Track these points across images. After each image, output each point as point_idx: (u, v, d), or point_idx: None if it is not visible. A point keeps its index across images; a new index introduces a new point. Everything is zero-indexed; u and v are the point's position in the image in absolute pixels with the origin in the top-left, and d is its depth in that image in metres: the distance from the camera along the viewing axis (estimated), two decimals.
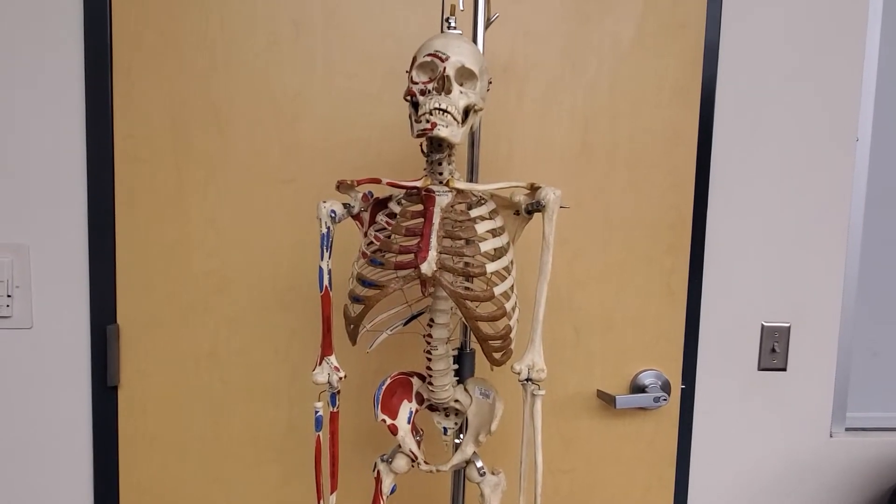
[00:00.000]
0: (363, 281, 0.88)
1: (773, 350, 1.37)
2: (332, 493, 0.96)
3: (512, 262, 0.91)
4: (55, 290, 1.22)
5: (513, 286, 0.91)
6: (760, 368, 1.37)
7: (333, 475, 0.96)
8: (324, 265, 0.90)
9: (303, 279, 1.24)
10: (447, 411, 1.05)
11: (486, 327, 0.87)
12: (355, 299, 0.88)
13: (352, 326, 0.91)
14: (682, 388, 1.33)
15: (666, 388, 1.31)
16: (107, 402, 1.24)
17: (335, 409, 0.95)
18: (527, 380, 0.91)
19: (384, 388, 1.01)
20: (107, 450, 1.25)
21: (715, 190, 1.32)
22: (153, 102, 1.20)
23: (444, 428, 1.06)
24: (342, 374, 0.93)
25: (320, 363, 0.93)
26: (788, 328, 1.36)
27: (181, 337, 1.24)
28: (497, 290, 0.86)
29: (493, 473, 1.02)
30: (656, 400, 1.25)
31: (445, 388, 0.98)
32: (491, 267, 0.86)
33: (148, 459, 1.27)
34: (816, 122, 1.33)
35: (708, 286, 1.34)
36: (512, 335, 0.91)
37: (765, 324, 1.36)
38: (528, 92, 1.24)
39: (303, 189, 1.23)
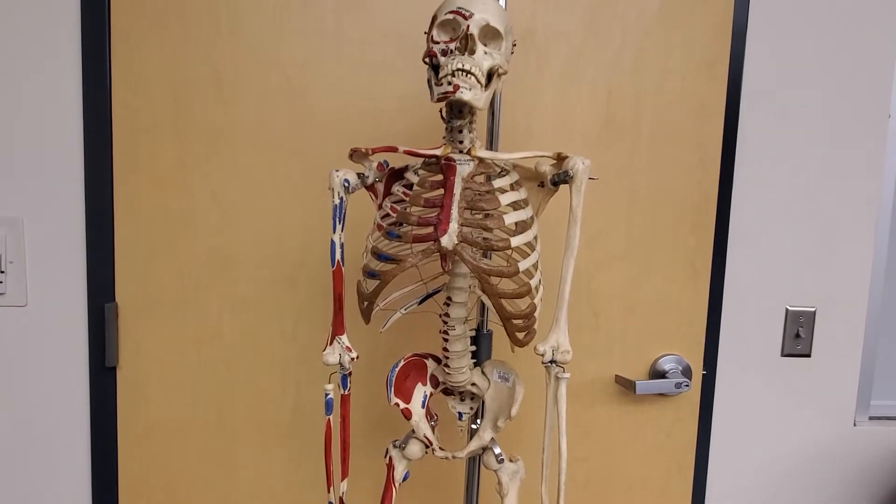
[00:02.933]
0: (378, 255, 0.83)
1: (798, 335, 1.31)
2: (342, 479, 0.91)
3: (536, 238, 0.86)
4: (51, 266, 1.17)
5: (537, 262, 0.85)
6: (784, 354, 1.32)
7: (344, 461, 0.91)
8: (336, 238, 0.85)
9: (311, 256, 1.18)
10: (463, 395, 1.00)
11: (509, 305, 0.82)
12: (370, 274, 0.83)
13: (365, 304, 0.86)
14: (703, 374, 1.28)
15: (687, 373, 1.26)
16: (105, 383, 1.19)
17: (346, 392, 0.90)
18: (551, 362, 0.86)
19: (398, 370, 0.96)
20: (105, 433, 1.20)
21: (741, 167, 1.26)
22: (154, 70, 1.14)
23: (460, 413, 1.01)
24: (354, 354, 0.88)
25: (331, 343, 0.88)
26: (814, 313, 1.31)
27: (183, 316, 1.19)
28: (521, 266, 0.81)
29: (511, 461, 0.97)
30: (678, 386, 1.20)
31: (462, 370, 0.93)
32: (515, 241, 0.81)
33: (148, 444, 1.22)
34: (848, 98, 1.27)
35: (732, 268, 1.28)
36: (536, 314, 0.85)
37: (790, 308, 1.31)
38: (549, 63, 1.18)
39: (311, 162, 1.17)
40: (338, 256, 0.85)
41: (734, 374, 1.31)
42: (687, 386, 1.20)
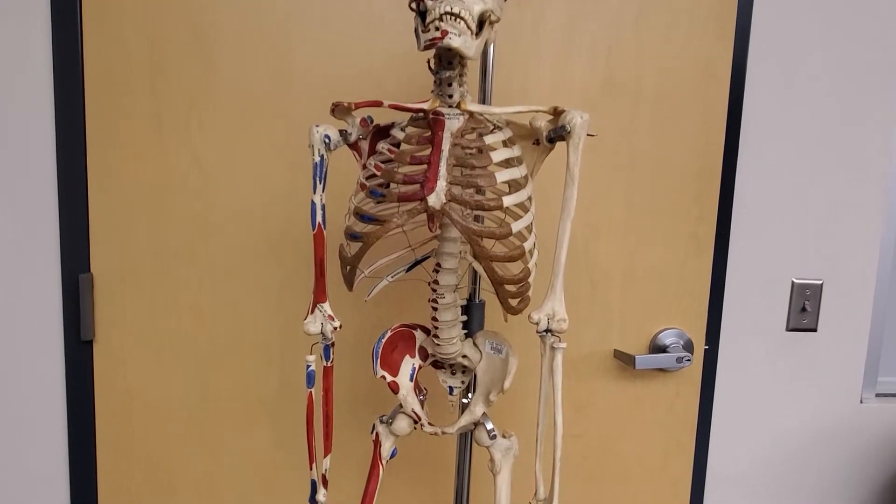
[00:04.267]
0: (362, 216, 0.77)
1: (804, 309, 1.26)
2: (325, 456, 0.86)
3: (530, 199, 0.80)
4: (21, 235, 1.11)
5: (531, 225, 0.80)
6: (789, 329, 1.27)
7: (327, 436, 0.86)
8: (316, 199, 0.79)
9: (296, 224, 1.13)
10: (454, 368, 0.95)
11: (500, 269, 0.76)
12: (352, 236, 0.77)
13: (348, 268, 0.81)
14: (705, 349, 1.23)
15: (688, 348, 1.21)
16: (81, 357, 1.14)
17: (329, 364, 0.84)
18: (546, 331, 0.80)
19: (384, 341, 0.91)
20: (82, 410, 1.15)
21: (747, 133, 1.20)
22: (128, 25, 1.08)
23: (450, 387, 0.96)
24: (337, 323, 0.83)
25: (312, 311, 0.83)
26: (821, 285, 1.26)
27: (162, 287, 1.14)
28: (514, 227, 0.75)
29: (504, 437, 0.92)
30: (679, 361, 1.15)
31: (453, 341, 0.88)
32: (507, 201, 0.75)
33: (127, 421, 1.17)
34: (859, 64, 1.20)
35: (736, 238, 1.23)
36: (530, 280, 0.80)
37: (795, 280, 1.25)
38: (545, 18, 1.11)
39: (296, 123, 1.11)
40: (318, 219, 0.80)
41: (737, 349, 1.26)
42: (688, 361, 1.15)
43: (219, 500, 1.20)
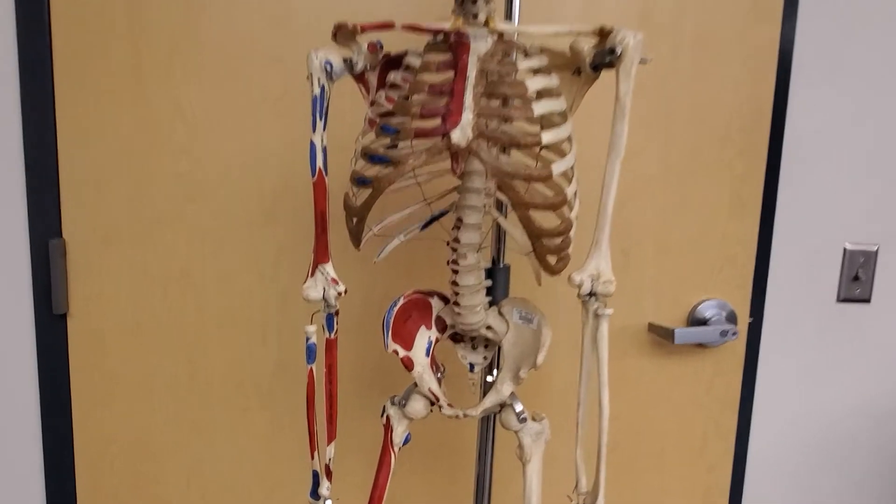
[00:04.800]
0: (371, 156, 0.64)
1: (857, 278, 1.14)
2: (328, 443, 0.74)
3: (571, 139, 0.67)
4: None
5: (572, 169, 0.67)
6: (840, 300, 1.14)
7: (331, 420, 0.74)
8: (317, 139, 0.67)
9: (295, 182, 1.00)
10: (475, 342, 0.83)
11: (540, 219, 0.64)
12: (360, 181, 0.65)
13: (355, 220, 0.68)
14: (749, 322, 1.11)
15: (731, 320, 1.09)
16: (54, 333, 1.02)
17: (332, 336, 0.72)
18: (590, 295, 0.68)
19: (396, 310, 0.78)
20: (57, 392, 1.03)
21: (799, 81, 1.07)
22: None
23: (471, 364, 0.84)
24: (342, 288, 0.71)
25: (312, 274, 0.71)
26: (875, 252, 1.14)
27: (145, 255, 1.01)
28: (555, 169, 0.63)
29: (534, 419, 0.81)
30: (723, 335, 1.03)
31: (476, 309, 0.76)
32: (546, 137, 0.63)
33: (107, 404, 1.05)
34: None
35: (784, 199, 1.10)
36: (571, 233, 0.68)
37: (848, 247, 1.13)
38: None
39: (293, 70, 0.98)
40: (319, 163, 0.67)
41: (783, 322, 1.14)
42: (734, 335, 1.03)
43: (210, 492, 1.09)
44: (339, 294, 0.71)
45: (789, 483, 1.20)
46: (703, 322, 1.08)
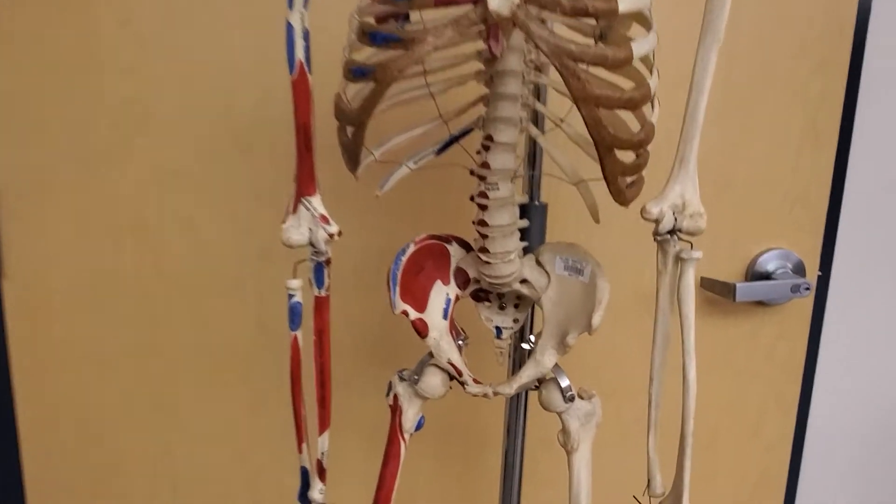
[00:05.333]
0: (373, 35, 0.46)
1: None
2: (320, 432, 0.57)
3: (651, 11, 0.48)
4: None
5: (654, 53, 0.49)
6: None
7: (323, 403, 0.57)
8: (295, 20, 0.48)
9: (274, 108, 0.81)
10: (503, 300, 0.65)
11: (612, 124, 0.45)
12: (357, 73, 0.46)
13: (350, 132, 0.50)
14: (818, 276, 0.94)
15: (799, 272, 0.91)
16: None
17: (323, 293, 0.54)
18: (670, 232, 0.50)
19: (405, 260, 0.60)
20: None
21: None
22: None
23: (498, 328, 0.67)
24: (334, 229, 0.53)
25: (294, 210, 0.52)
26: None
27: (91, 200, 0.83)
28: (636, 50, 0.44)
29: (581, 397, 0.63)
30: (794, 290, 0.86)
31: (509, 257, 0.58)
32: (625, 4, 0.44)
33: (55, 380, 0.87)
34: None
35: (862, 127, 0.92)
36: (649, 147, 0.49)
37: None
38: None
39: None
40: (299, 54, 0.48)
41: (854, 276, 0.97)
42: (807, 290, 0.86)
43: (182, 481, 0.92)
44: (331, 237, 0.53)
45: (849, 466, 1.04)
46: (766, 276, 0.91)
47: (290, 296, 0.54)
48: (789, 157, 0.88)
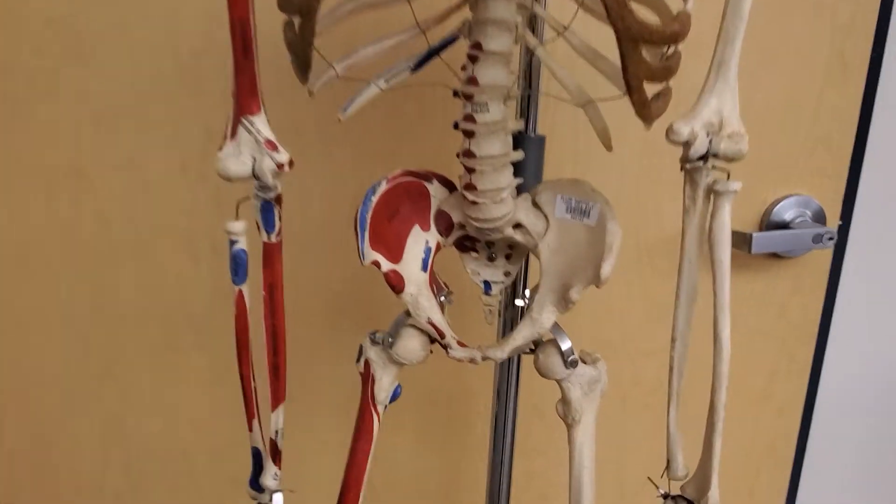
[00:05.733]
0: None
1: None
2: (273, 407, 0.47)
3: None
4: None
5: None
6: None
7: (276, 373, 0.47)
8: None
9: (226, 33, 0.70)
10: (493, 249, 0.56)
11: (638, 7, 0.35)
12: None
13: (298, 24, 0.39)
14: (839, 225, 0.85)
15: (819, 221, 0.83)
16: None
17: (273, 239, 0.44)
18: (704, 157, 0.41)
19: (376, 200, 0.50)
20: None
21: None
22: None
23: (486, 282, 0.57)
24: (283, 157, 0.42)
25: (233, 134, 0.42)
26: None
27: (15, 142, 0.71)
28: None
29: (584, 362, 0.54)
30: (817, 240, 0.77)
31: (500, 196, 0.48)
32: None
33: None
34: None
35: (892, 58, 0.82)
36: (679, 47, 0.39)
37: None
38: None
39: None
40: None
41: (878, 227, 0.88)
42: (831, 239, 0.77)
43: (135, 458, 0.82)
44: (280, 167, 0.42)
45: (859, 433, 0.97)
46: (783, 226, 0.82)
47: (232, 242, 0.44)
48: (812, 91, 0.79)
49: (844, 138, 0.81)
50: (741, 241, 0.77)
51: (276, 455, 0.48)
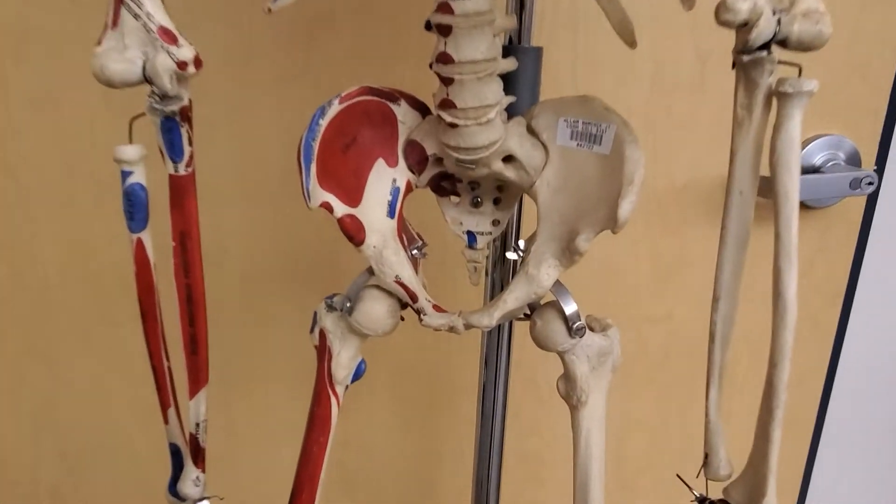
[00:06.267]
0: None
1: None
2: (192, 393, 0.36)
3: None
4: None
5: None
6: None
7: (195, 349, 0.36)
8: None
9: None
10: (479, 192, 0.45)
11: None
12: None
13: None
14: (873, 170, 0.75)
15: (853, 164, 0.72)
16: None
17: (182, 170, 0.33)
18: (765, 46, 0.29)
19: (325, 125, 0.39)
20: None
21: None
22: None
23: (471, 234, 0.46)
24: (187, 52, 0.31)
25: (114, 21, 0.30)
26: None
27: None
28: None
29: (593, 329, 0.43)
30: (855, 185, 0.67)
31: (486, 115, 0.37)
32: None
33: None
34: None
35: None
36: None
37: None
38: None
39: None
40: None
41: None
42: (870, 184, 0.67)
43: (70, 443, 0.72)
44: (183, 66, 0.31)
45: (883, 406, 0.88)
46: (813, 171, 0.71)
47: (125, 174, 0.32)
48: (849, 12, 0.67)
49: (884, 68, 0.70)
50: (766, 186, 0.66)
51: (198, 454, 0.37)
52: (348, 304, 0.42)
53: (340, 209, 0.39)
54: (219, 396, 0.71)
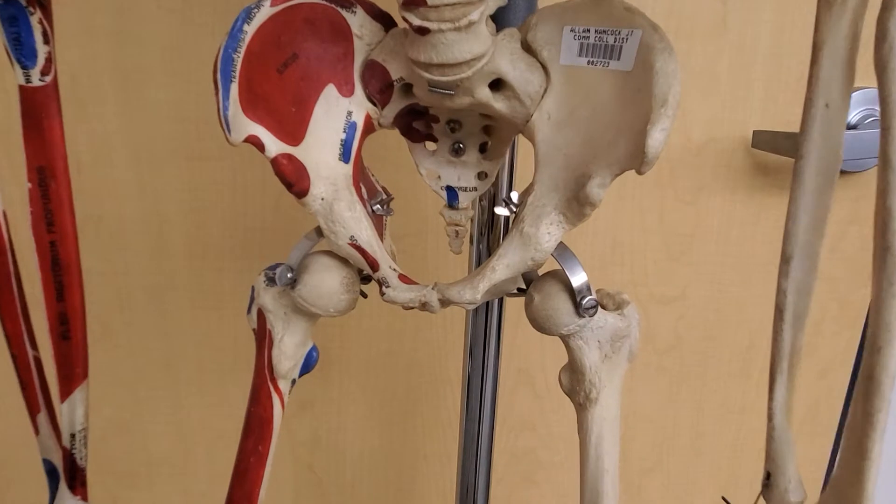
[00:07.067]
0: None
1: None
2: (64, 394, 0.27)
3: None
4: None
5: None
6: None
7: (68, 333, 0.26)
8: None
9: None
10: (461, 133, 0.35)
11: None
12: None
13: None
14: None
15: None
16: None
17: (36, 80, 0.23)
18: None
19: (253, 32, 0.29)
20: None
21: None
22: None
23: (450, 189, 0.37)
24: None
25: None
26: None
27: None
28: None
29: (605, 307, 0.34)
30: None
31: (467, 16, 0.27)
32: None
33: None
34: None
35: None
36: None
37: None
38: None
39: None
40: None
41: None
42: None
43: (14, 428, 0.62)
44: None
45: None
46: (847, 128, 0.62)
47: None
48: None
49: None
50: (792, 146, 0.57)
51: (76, 475, 0.27)
52: (290, 276, 0.32)
53: (275, 147, 0.29)
54: (166, 392, 0.62)
